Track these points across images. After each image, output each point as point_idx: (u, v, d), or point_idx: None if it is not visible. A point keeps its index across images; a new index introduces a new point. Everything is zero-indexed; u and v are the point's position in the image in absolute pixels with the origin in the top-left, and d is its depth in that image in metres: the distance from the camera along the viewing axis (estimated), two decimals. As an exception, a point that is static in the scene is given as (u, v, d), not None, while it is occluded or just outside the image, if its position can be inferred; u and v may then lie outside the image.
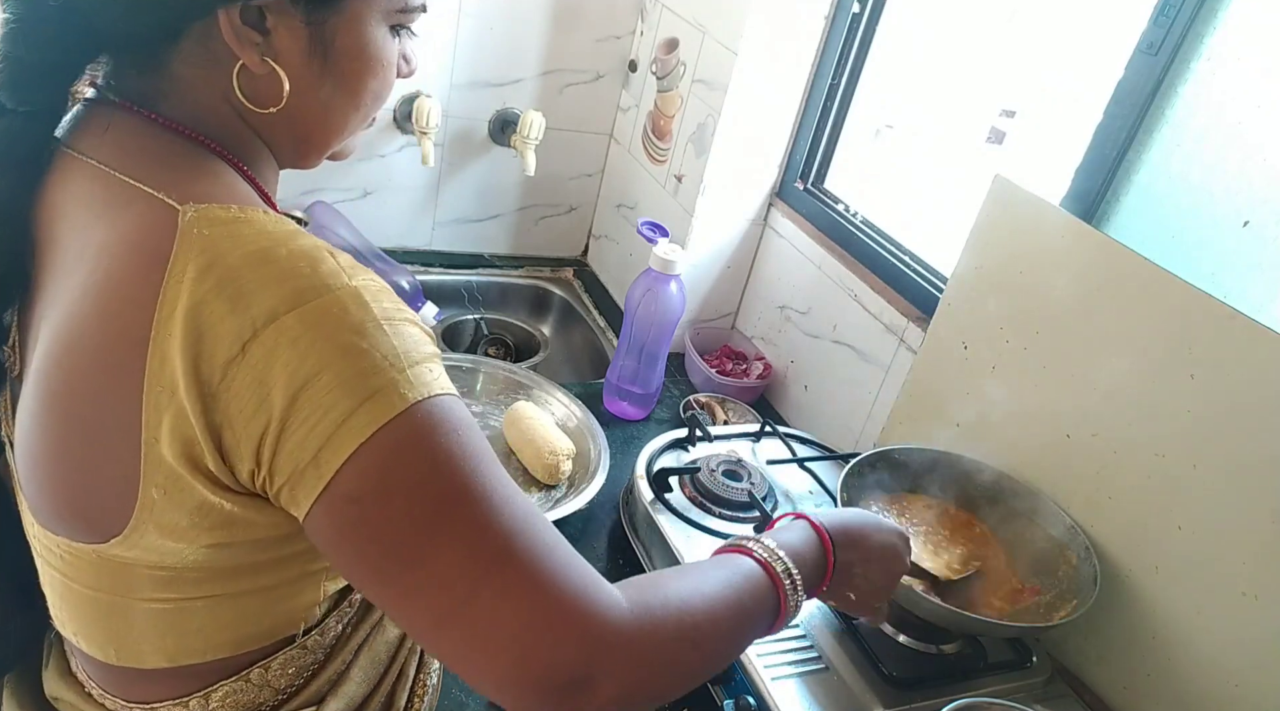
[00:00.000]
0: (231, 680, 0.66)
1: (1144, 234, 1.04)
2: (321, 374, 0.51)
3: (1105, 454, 1.02)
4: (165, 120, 0.60)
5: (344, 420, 0.52)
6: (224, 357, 0.51)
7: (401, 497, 0.53)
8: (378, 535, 0.53)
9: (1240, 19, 0.94)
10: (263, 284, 0.52)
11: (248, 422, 0.52)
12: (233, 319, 0.51)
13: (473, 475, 0.54)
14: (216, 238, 0.53)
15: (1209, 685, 0.92)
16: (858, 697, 0.93)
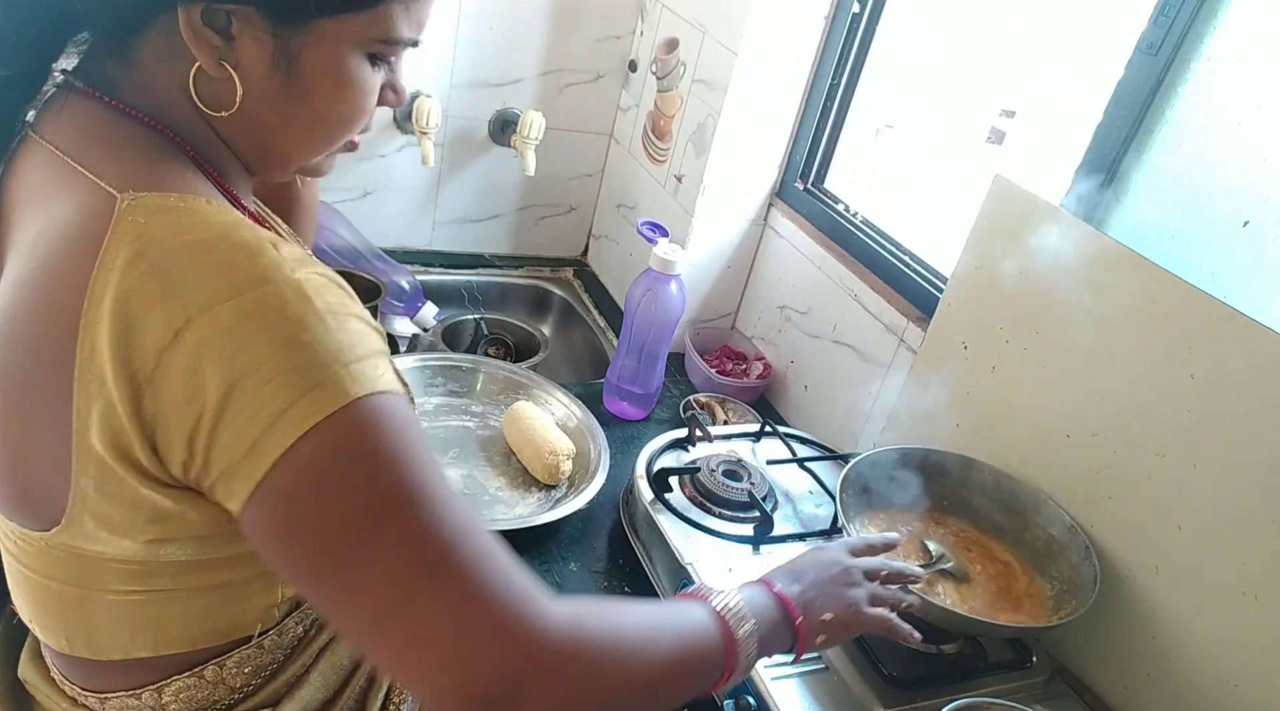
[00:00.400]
0: (185, 675, 0.65)
1: (1144, 234, 1.04)
2: (260, 366, 0.50)
3: (1105, 454, 1.02)
4: (125, 107, 0.60)
5: (281, 413, 0.50)
6: (155, 346, 0.51)
7: (340, 496, 0.52)
8: (314, 533, 0.52)
9: (1240, 19, 0.94)
10: (197, 273, 0.51)
11: (180, 412, 0.51)
12: (164, 306, 0.51)
13: (414, 477, 0.53)
14: (152, 226, 0.53)
15: (1209, 685, 0.92)
16: (858, 697, 0.93)
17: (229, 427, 0.51)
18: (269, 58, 0.59)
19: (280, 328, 0.51)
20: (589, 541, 1.22)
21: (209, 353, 0.50)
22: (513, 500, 1.26)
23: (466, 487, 1.26)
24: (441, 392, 1.43)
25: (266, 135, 0.64)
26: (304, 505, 0.52)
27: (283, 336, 0.51)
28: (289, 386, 0.51)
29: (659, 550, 1.13)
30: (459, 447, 1.34)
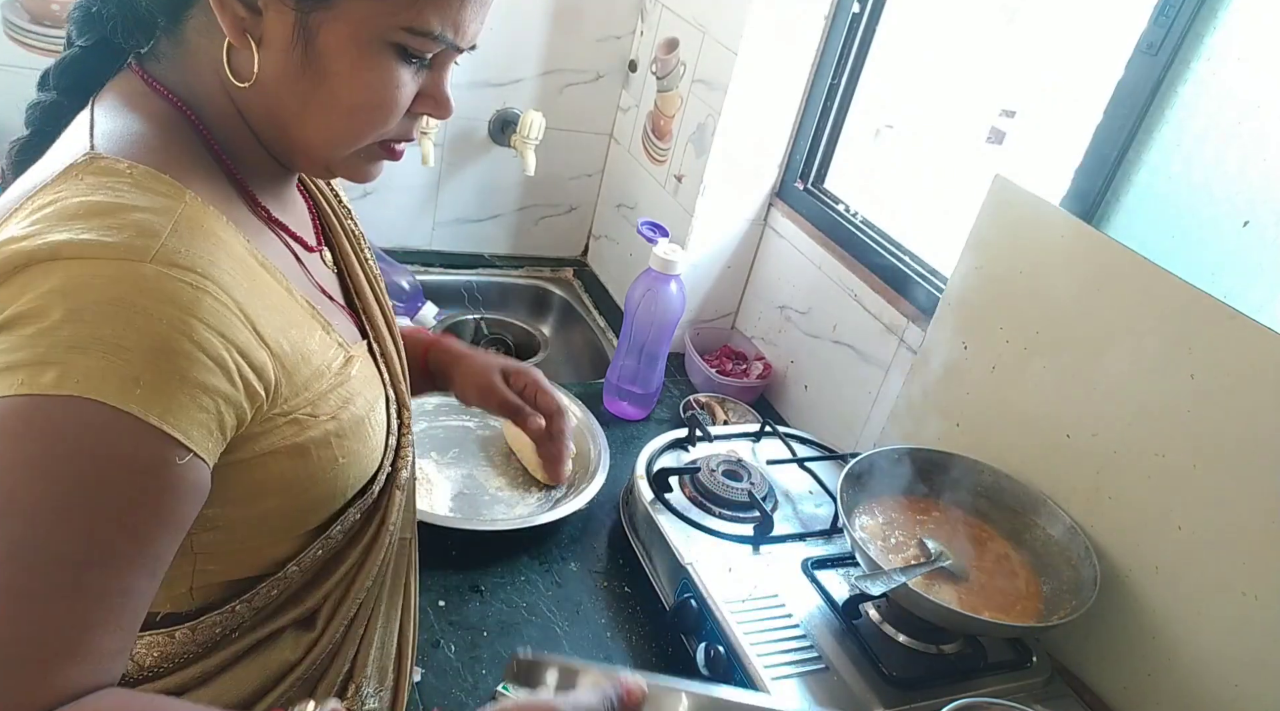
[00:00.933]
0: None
1: (1144, 234, 1.04)
2: (34, 320, 0.49)
3: (1105, 454, 1.02)
4: (149, 78, 0.62)
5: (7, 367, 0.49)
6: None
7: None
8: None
9: (1240, 19, 0.94)
10: (73, 226, 0.51)
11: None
12: (25, 243, 0.51)
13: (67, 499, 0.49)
14: (86, 181, 0.54)
15: (1209, 685, 0.92)
16: (858, 697, 0.93)
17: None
18: (289, 31, 0.59)
19: (82, 300, 0.50)
20: (589, 541, 1.22)
21: (23, 295, 0.50)
22: (513, 500, 1.26)
23: (466, 487, 1.26)
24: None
25: (286, 116, 0.63)
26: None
27: (74, 308, 0.49)
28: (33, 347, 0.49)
29: (659, 550, 1.13)
30: (459, 447, 1.34)
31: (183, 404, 0.51)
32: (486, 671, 0.99)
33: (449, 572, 1.11)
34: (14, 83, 1.44)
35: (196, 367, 0.52)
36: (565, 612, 1.09)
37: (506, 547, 1.17)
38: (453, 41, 0.63)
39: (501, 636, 1.04)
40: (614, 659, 1.04)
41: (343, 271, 0.79)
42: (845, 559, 1.11)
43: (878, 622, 1.04)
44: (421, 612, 1.05)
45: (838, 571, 1.09)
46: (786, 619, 1.01)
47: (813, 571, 1.08)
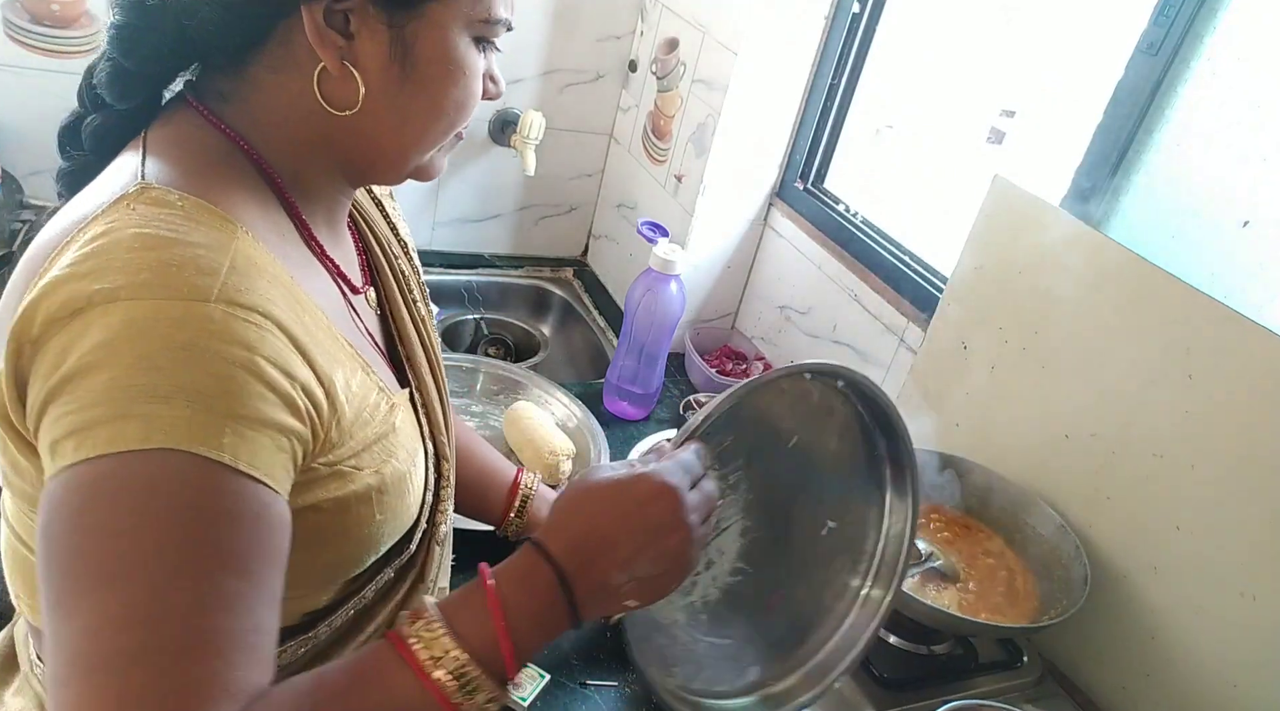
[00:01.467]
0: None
1: (1144, 234, 1.04)
2: (101, 370, 0.48)
3: (1104, 454, 1.02)
4: (215, 120, 0.61)
5: (86, 427, 0.48)
6: (48, 317, 0.49)
7: (81, 537, 0.47)
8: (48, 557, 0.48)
9: (1240, 19, 0.94)
10: (128, 265, 0.50)
11: (37, 382, 0.50)
12: (79, 284, 0.50)
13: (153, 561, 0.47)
14: (136, 213, 0.53)
15: (1207, 685, 0.92)
16: (848, 699, 0.93)
17: (54, 411, 0.49)
18: (386, 50, 0.60)
19: (148, 345, 0.48)
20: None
21: (84, 340, 0.49)
22: (512, 500, 1.26)
23: (466, 487, 1.26)
24: (441, 392, 1.43)
25: (386, 131, 0.64)
26: (57, 528, 0.48)
27: (142, 354, 0.48)
28: (111, 404, 0.48)
29: None
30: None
31: (265, 445, 0.51)
32: (486, 671, 0.99)
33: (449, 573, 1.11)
34: (14, 83, 1.44)
35: (270, 407, 0.51)
36: (565, 612, 1.09)
37: (507, 548, 1.16)
38: (510, 20, 0.67)
39: (501, 636, 1.04)
40: (614, 658, 1.04)
41: (386, 314, 0.76)
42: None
43: (870, 623, 1.04)
44: (421, 612, 1.04)
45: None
46: (782, 619, 1.01)
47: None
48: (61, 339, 0.49)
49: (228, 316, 0.50)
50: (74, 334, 0.49)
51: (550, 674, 1.00)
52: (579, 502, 0.60)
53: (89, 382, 0.48)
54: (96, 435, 0.47)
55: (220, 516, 0.49)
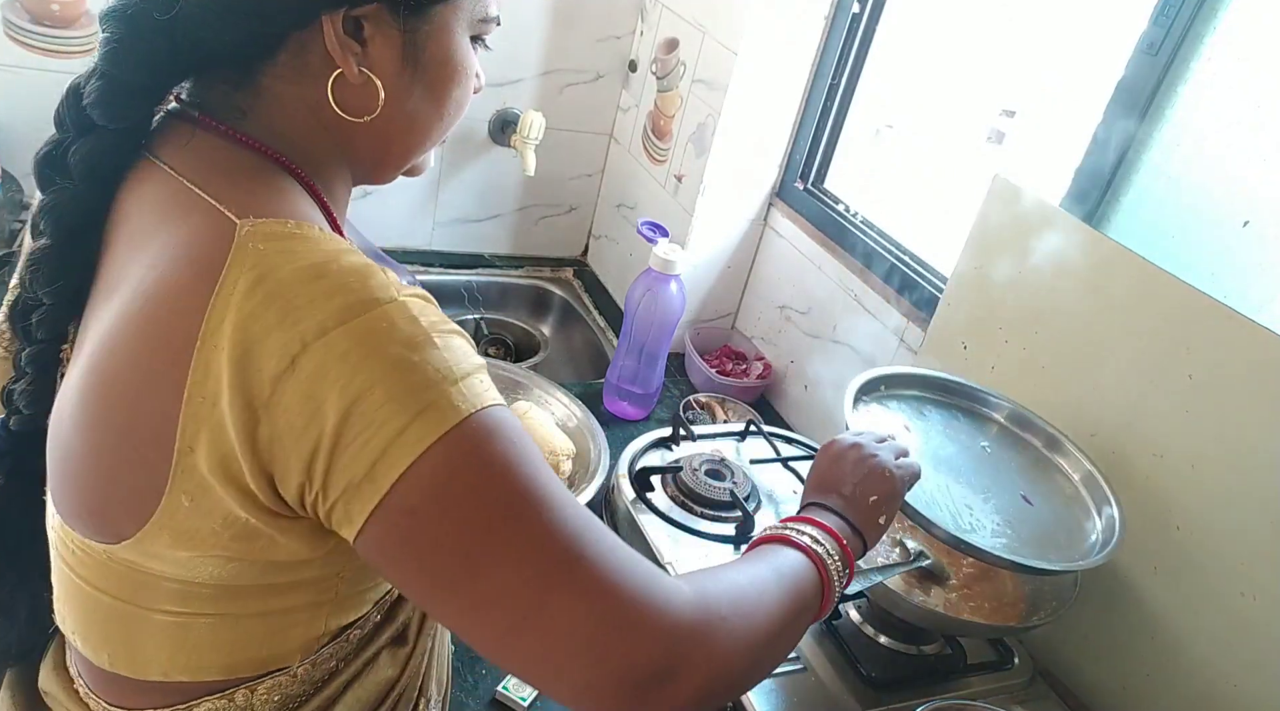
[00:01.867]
0: (216, 697, 0.65)
1: (1144, 234, 1.04)
2: (374, 388, 0.51)
3: (1104, 454, 1.02)
4: (243, 136, 0.61)
5: (399, 434, 0.51)
6: (273, 372, 0.51)
7: (461, 507, 0.52)
8: (439, 546, 0.53)
9: (1240, 19, 0.94)
10: (312, 299, 0.52)
11: (298, 438, 0.52)
12: (281, 332, 0.51)
13: (531, 482, 0.54)
14: (270, 252, 0.53)
15: (1207, 685, 0.92)
16: (835, 699, 0.93)
17: (348, 450, 0.52)
18: (400, 54, 0.61)
19: (391, 350, 0.52)
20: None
21: (325, 378, 0.51)
22: (512, 500, 1.26)
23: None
24: (441, 392, 1.42)
25: (395, 133, 0.66)
26: (427, 519, 0.52)
27: (394, 358, 0.52)
28: (404, 407, 0.51)
29: (640, 549, 1.12)
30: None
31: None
32: (486, 671, 0.99)
33: (449, 572, 1.11)
34: (14, 82, 1.44)
35: (474, 355, 0.58)
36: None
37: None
38: (499, 17, 0.68)
39: (501, 636, 1.04)
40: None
41: None
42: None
43: (858, 623, 1.04)
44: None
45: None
46: (770, 619, 1.01)
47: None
48: (296, 387, 0.51)
49: (413, 302, 0.55)
50: (308, 376, 0.51)
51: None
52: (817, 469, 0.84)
53: (370, 405, 0.51)
54: (410, 437, 0.51)
55: (521, 438, 0.56)
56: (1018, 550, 0.89)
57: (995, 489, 1.00)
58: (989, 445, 1.07)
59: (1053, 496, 1.02)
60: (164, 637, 0.62)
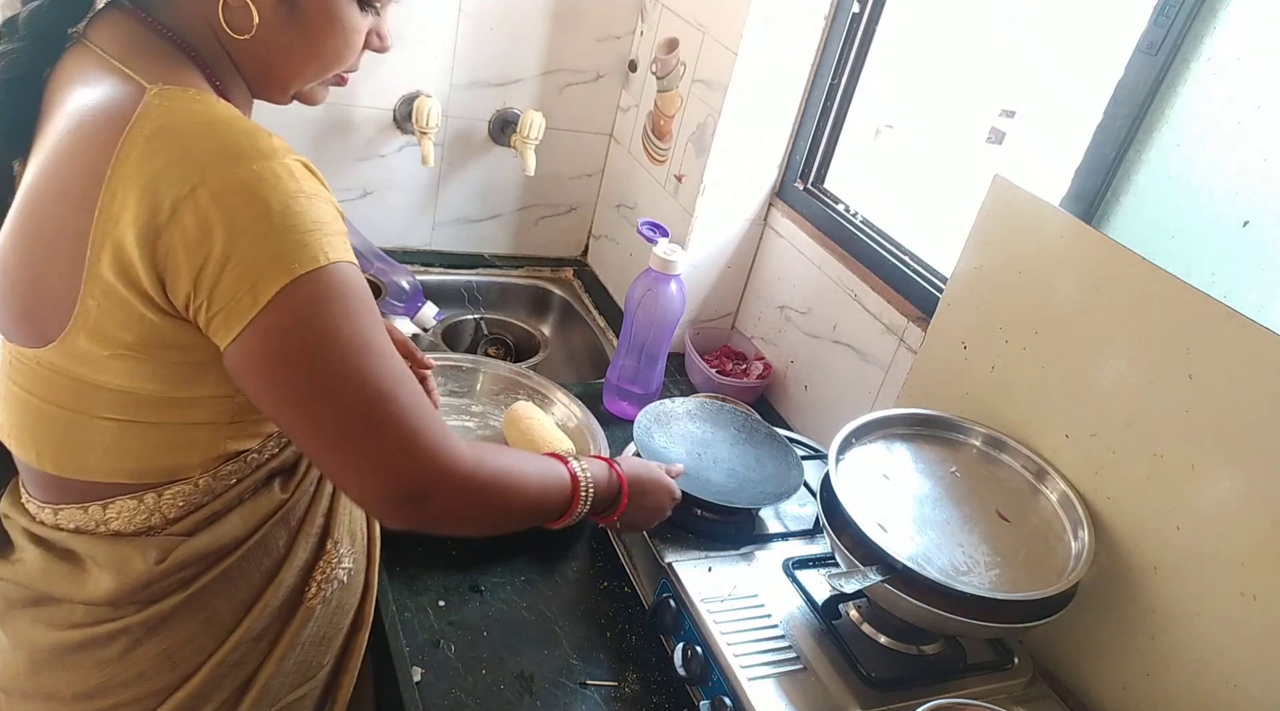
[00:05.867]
0: (127, 497, 0.77)
1: (1144, 234, 1.04)
2: (260, 222, 0.64)
3: (1104, 454, 1.02)
4: (157, 24, 0.73)
5: (276, 260, 0.64)
6: (174, 197, 0.63)
7: (320, 337, 0.67)
8: (294, 365, 0.67)
9: (1240, 19, 0.94)
10: (210, 146, 0.65)
11: (191, 253, 0.64)
12: (181, 167, 0.64)
13: (372, 332, 0.69)
14: (173, 108, 0.66)
15: (1208, 685, 0.92)
16: (835, 698, 0.93)
17: (233, 270, 0.64)
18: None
19: (277, 197, 0.65)
20: (589, 541, 1.22)
21: (220, 206, 0.63)
22: (512, 500, 1.26)
23: (466, 487, 1.26)
24: (442, 392, 1.43)
25: (271, 60, 0.77)
26: (289, 339, 0.66)
27: (279, 204, 0.65)
28: (284, 242, 0.65)
29: (639, 549, 1.13)
30: (459, 447, 1.34)
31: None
32: (486, 671, 0.99)
33: (449, 572, 1.11)
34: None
35: (340, 222, 0.71)
36: (565, 612, 1.09)
37: (506, 547, 1.17)
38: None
39: (501, 636, 1.04)
40: (615, 659, 1.04)
41: None
42: (827, 559, 1.11)
43: (858, 623, 1.04)
44: (421, 612, 1.05)
45: (819, 571, 1.09)
46: (765, 619, 1.01)
47: (793, 571, 1.08)
48: (192, 210, 0.63)
49: (292, 164, 0.67)
50: (204, 203, 0.63)
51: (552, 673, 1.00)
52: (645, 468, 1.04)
53: (255, 237, 0.64)
54: (284, 266, 0.65)
55: (369, 297, 0.70)
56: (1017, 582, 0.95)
57: (974, 513, 1.03)
58: (958, 470, 1.09)
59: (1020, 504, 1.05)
60: (80, 438, 0.74)
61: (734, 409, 1.33)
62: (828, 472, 1.01)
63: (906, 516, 1.00)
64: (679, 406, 1.30)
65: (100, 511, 0.77)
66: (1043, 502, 1.06)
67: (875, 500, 1.00)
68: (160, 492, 0.77)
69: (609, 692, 1.00)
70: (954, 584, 0.89)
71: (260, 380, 0.68)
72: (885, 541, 0.92)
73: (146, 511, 0.78)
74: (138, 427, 0.74)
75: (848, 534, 0.96)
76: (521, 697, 0.97)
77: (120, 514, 0.78)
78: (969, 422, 1.13)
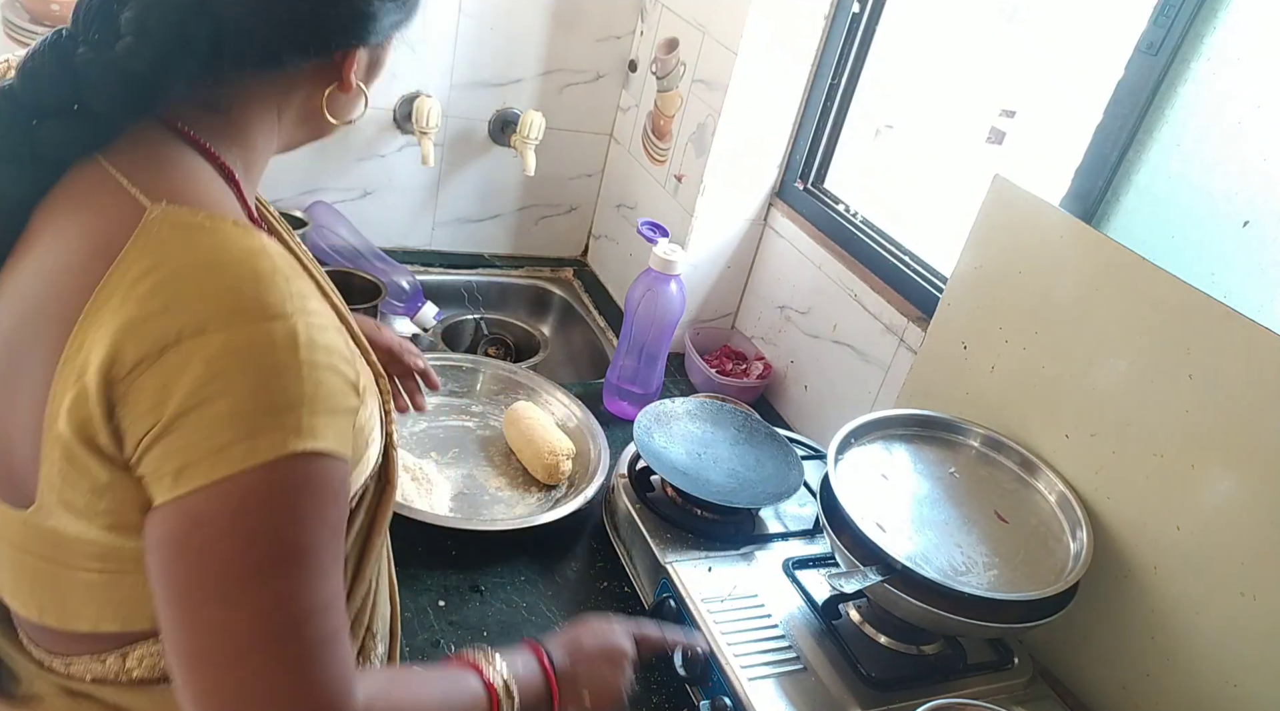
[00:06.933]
0: (150, 643, 0.68)
1: (1144, 234, 1.04)
2: (221, 399, 0.52)
3: (1104, 454, 1.02)
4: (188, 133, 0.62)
5: (220, 450, 0.52)
6: (137, 355, 0.52)
7: (238, 541, 0.54)
8: (199, 561, 0.55)
9: (1240, 19, 0.94)
10: (202, 295, 0.53)
11: (141, 418, 0.53)
12: (159, 321, 0.52)
13: (310, 547, 0.56)
14: (172, 241, 0.55)
15: (1208, 685, 0.92)
16: (835, 698, 0.93)
17: (170, 443, 0.53)
18: (365, 68, 0.69)
19: (256, 372, 0.53)
20: (589, 541, 1.22)
21: (185, 375, 0.52)
22: (513, 500, 1.26)
23: (466, 487, 1.26)
24: (442, 393, 1.43)
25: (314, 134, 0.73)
26: (203, 534, 0.54)
27: (254, 381, 0.53)
28: (238, 427, 0.53)
29: (639, 549, 1.13)
30: (459, 447, 1.34)
31: (346, 428, 0.58)
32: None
33: (449, 572, 1.11)
34: (14, 83, 1.44)
35: (348, 396, 0.58)
36: (565, 612, 1.09)
37: (506, 547, 1.17)
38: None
39: (501, 636, 1.04)
40: (614, 659, 1.04)
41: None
42: (827, 559, 1.11)
43: (858, 623, 1.04)
44: (421, 612, 1.05)
45: (819, 571, 1.09)
46: (765, 619, 1.01)
47: (793, 571, 1.08)
48: (157, 375, 0.52)
49: (307, 326, 0.55)
50: (170, 369, 0.52)
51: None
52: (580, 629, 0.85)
53: (209, 413, 0.52)
54: (231, 454, 0.52)
55: (335, 500, 0.58)
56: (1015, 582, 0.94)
57: (973, 514, 1.03)
58: (956, 470, 1.09)
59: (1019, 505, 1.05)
60: (87, 594, 0.64)
61: (734, 409, 1.34)
62: (827, 473, 1.01)
63: (905, 517, 1.00)
64: (679, 406, 1.31)
65: (119, 661, 0.68)
66: (1041, 503, 1.06)
67: (874, 500, 1.00)
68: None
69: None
70: (953, 584, 0.89)
71: (153, 557, 0.56)
72: (884, 541, 0.92)
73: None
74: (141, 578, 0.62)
75: (847, 534, 0.96)
76: (521, 697, 0.97)
77: (142, 661, 0.69)
78: (967, 423, 1.13)
